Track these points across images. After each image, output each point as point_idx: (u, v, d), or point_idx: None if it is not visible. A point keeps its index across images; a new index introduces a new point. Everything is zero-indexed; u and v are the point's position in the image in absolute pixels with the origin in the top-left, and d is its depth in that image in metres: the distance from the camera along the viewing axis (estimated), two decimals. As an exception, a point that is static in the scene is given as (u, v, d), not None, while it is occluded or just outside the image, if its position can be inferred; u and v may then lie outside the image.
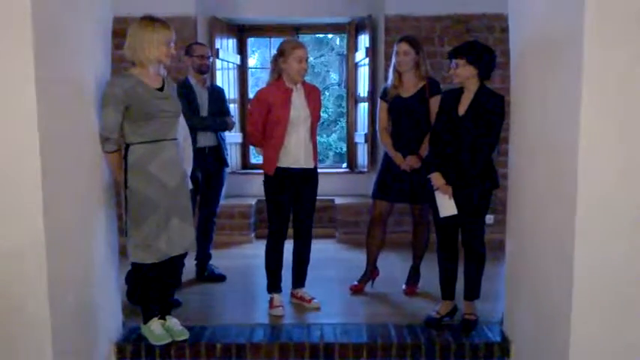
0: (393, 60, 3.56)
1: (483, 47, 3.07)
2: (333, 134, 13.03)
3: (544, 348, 2.55)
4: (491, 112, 2.98)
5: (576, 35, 2.16)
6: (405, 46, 3.48)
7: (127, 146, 2.76)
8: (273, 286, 3.48)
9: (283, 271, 3.53)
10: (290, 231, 3.50)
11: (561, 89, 2.35)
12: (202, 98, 3.89)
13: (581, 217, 2.20)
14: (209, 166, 3.90)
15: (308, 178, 3.44)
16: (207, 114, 3.89)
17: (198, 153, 3.71)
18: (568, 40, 2.26)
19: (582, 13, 2.11)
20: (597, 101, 2.15)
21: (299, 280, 3.58)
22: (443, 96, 3.22)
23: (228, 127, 4.04)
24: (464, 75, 3.01)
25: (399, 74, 3.55)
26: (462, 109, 3.04)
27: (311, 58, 13.05)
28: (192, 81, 3.88)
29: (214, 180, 3.98)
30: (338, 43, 12.97)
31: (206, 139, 3.88)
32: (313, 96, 3.43)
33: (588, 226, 2.20)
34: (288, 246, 3.52)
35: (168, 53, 2.76)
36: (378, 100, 3.75)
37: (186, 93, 3.71)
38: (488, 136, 2.99)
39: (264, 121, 3.35)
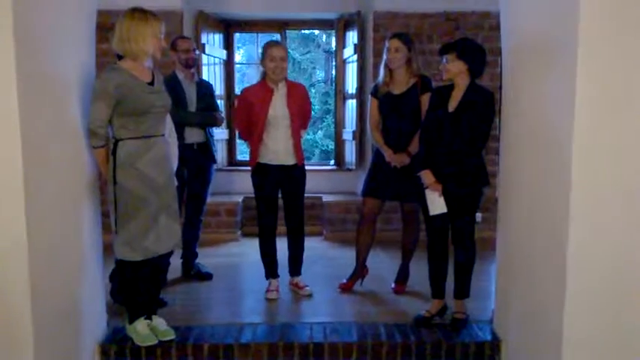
0: (384, 56, 3.52)
1: (474, 43, 3.06)
2: (319, 131, 12.99)
3: (536, 346, 2.54)
4: (482, 108, 2.96)
5: (570, 32, 2.14)
6: (396, 43, 3.44)
7: (116, 141, 2.69)
8: (269, 273, 3.70)
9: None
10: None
11: (555, 86, 2.33)
12: (190, 93, 3.82)
13: (574, 214, 2.19)
14: (197, 163, 3.83)
15: (290, 174, 3.57)
16: (195, 109, 3.82)
17: (186, 149, 3.67)
18: (562, 36, 2.25)
19: (577, 9, 2.10)
20: (591, 97, 2.14)
21: (294, 269, 3.75)
22: (433, 93, 3.19)
23: (217, 122, 3.98)
24: (454, 70, 2.99)
25: (390, 71, 3.52)
26: (452, 106, 3.01)
27: (297, 55, 13.07)
28: (180, 75, 3.81)
29: (202, 177, 3.91)
30: (324, 39, 12.95)
31: (194, 135, 3.81)
32: (294, 94, 3.54)
33: (581, 224, 2.19)
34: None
35: (160, 46, 2.71)
36: (369, 96, 3.71)
37: (174, 88, 3.64)
38: (478, 133, 2.97)
39: (249, 118, 3.51)
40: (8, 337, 2.23)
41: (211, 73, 5.42)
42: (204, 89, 3.94)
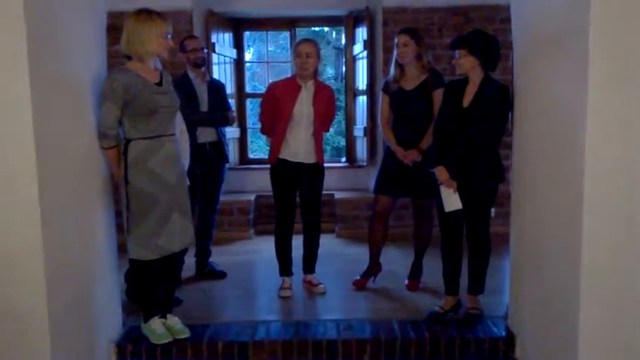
0: (394, 52, 3.50)
1: (486, 37, 3.00)
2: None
3: (551, 341, 2.52)
4: (497, 103, 2.93)
5: (582, 23, 2.12)
6: (404, 38, 3.42)
7: (127, 142, 2.72)
8: (283, 270, 3.70)
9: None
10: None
11: (567, 79, 2.31)
12: (202, 93, 3.83)
13: (589, 207, 2.16)
14: (210, 162, 3.85)
15: (309, 172, 3.57)
16: (207, 109, 3.83)
17: (199, 149, 3.69)
18: (573, 25, 2.22)
19: (588, 0, 2.07)
20: (604, 88, 2.11)
21: (308, 267, 3.76)
22: (447, 87, 3.15)
23: (229, 122, 3.99)
24: (465, 65, 2.96)
25: (400, 67, 3.50)
26: (466, 101, 2.99)
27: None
28: (192, 75, 3.82)
29: (214, 176, 3.93)
30: (334, 36, 12.91)
31: (206, 135, 3.83)
32: (321, 95, 3.54)
33: (596, 216, 2.17)
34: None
35: (167, 46, 2.73)
36: (380, 93, 3.70)
37: (186, 87, 3.67)
38: (493, 128, 2.94)
39: (273, 112, 3.52)
40: (25, 336, 2.25)
41: (222, 72, 5.44)
42: (216, 89, 3.95)
